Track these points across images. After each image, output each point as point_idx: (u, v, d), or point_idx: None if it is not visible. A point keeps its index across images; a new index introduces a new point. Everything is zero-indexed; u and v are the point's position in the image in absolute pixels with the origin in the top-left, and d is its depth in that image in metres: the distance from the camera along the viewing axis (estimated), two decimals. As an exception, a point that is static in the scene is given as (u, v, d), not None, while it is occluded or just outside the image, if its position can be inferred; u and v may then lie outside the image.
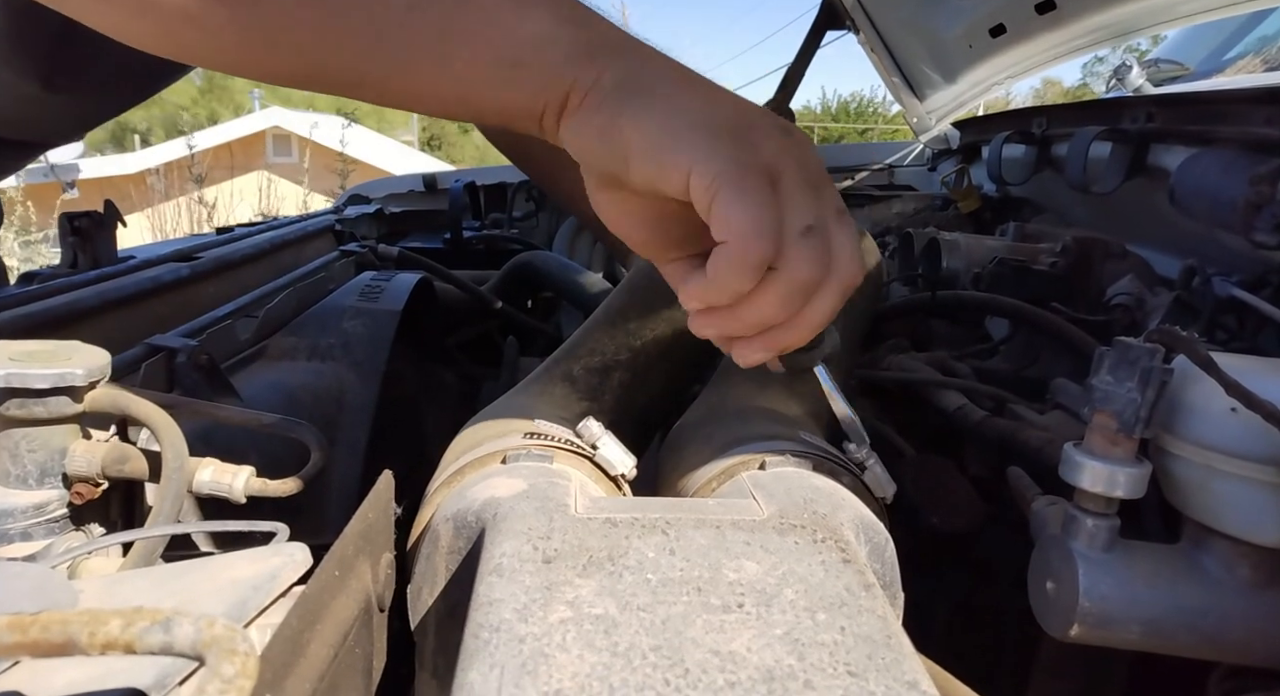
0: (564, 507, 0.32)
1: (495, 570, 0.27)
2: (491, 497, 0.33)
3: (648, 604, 0.26)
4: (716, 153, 0.34)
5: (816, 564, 0.29)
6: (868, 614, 0.26)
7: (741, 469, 0.38)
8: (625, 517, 0.31)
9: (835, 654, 0.24)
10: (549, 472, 0.36)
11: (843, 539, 0.31)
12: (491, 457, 0.38)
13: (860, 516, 0.34)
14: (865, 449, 0.41)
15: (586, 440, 0.40)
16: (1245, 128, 0.77)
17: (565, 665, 0.23)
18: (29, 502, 0.49)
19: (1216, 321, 0.68)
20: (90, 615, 0.20)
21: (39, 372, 0.47)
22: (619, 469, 0.40)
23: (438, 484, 0.38)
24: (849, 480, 0.38)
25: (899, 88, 1.60)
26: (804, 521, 0.32)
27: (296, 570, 0.34)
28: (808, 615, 0.26)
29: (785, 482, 0.36)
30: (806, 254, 0.34)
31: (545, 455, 0.38)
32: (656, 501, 0.36)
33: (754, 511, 0.33)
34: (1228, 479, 0.40)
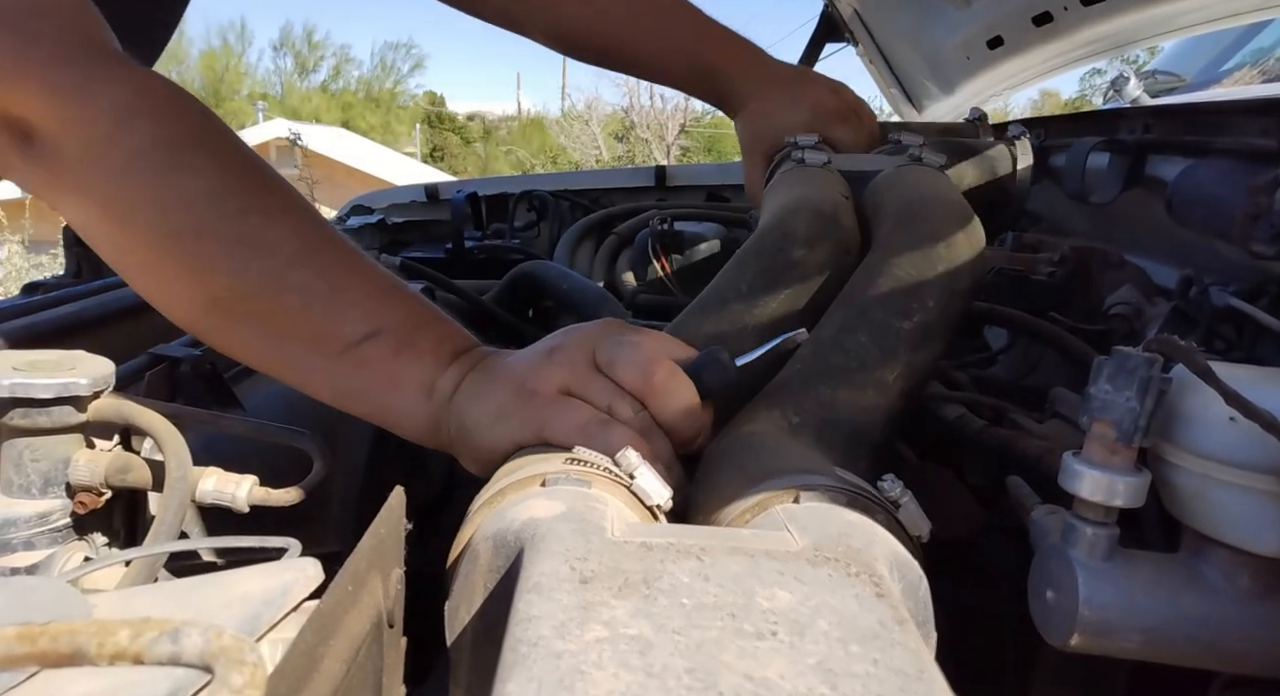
0: (601, 531, 0.32)
1: (534, 588, 0.28)
2: (531, 518, 0.33)
3: (682, 627, 0.26)
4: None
5: (850, 596, 0.29)
6: (900, 647, 0.26)
7: (775, 502, 0.38)
8: (660, 542, 0.32)
9: (868, 685, 0.24)
10: (587, 497, 0.36)
11: (876, 573, 0.31)
12: (531, 480, 0.39)
13: (894, 553, 0.34)
14: (899, 487, 0.41)
15: (625, 469, 0.40)
16: (1242, 138, 0.78)
17: (601, 682, 0.23)
18: (32, 512, 0.49)
19: (1214, 331, 0.68)
20: (98, 626, 0.20)
21: (43, 382, 0.47)
22: (655, 499, 0.40)
23: (479, 504, 0.38)
24: (883, 517, 0.38)
25: (897, 99, 1.61)
26: (838, 555, 0.32)
27: (308, 585, 0.35)
28: (840, 646, 0.26)
29: (819, 516, 0.36)
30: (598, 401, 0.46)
31: (584, 480, 0.38)
32: (691, 529, 0.36)
33: (788, 543, 0.33)
34: (1226, 488, 0.40)
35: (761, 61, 0.89)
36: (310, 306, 0.48)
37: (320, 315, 0.48)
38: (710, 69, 0.87)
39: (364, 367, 0.48)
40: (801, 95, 0.87)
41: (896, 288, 0.53)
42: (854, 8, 1.50)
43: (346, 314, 0.49)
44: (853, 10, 1.51)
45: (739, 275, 0.57)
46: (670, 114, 16.91)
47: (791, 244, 0.58)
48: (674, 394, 0.45)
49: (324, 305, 0.48)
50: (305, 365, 0.50)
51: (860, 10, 1.50)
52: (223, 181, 0.48)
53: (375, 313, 0.49)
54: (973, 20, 1.33)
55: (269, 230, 0.48)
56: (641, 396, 0.45)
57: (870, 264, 0.57)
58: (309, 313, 0.48)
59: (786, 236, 0.58)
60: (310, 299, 0.48)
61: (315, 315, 0.48)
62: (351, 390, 0.50)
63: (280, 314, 0.48)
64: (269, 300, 0.48)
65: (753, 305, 0.55)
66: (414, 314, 0.51)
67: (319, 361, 0.49)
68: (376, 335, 0.49)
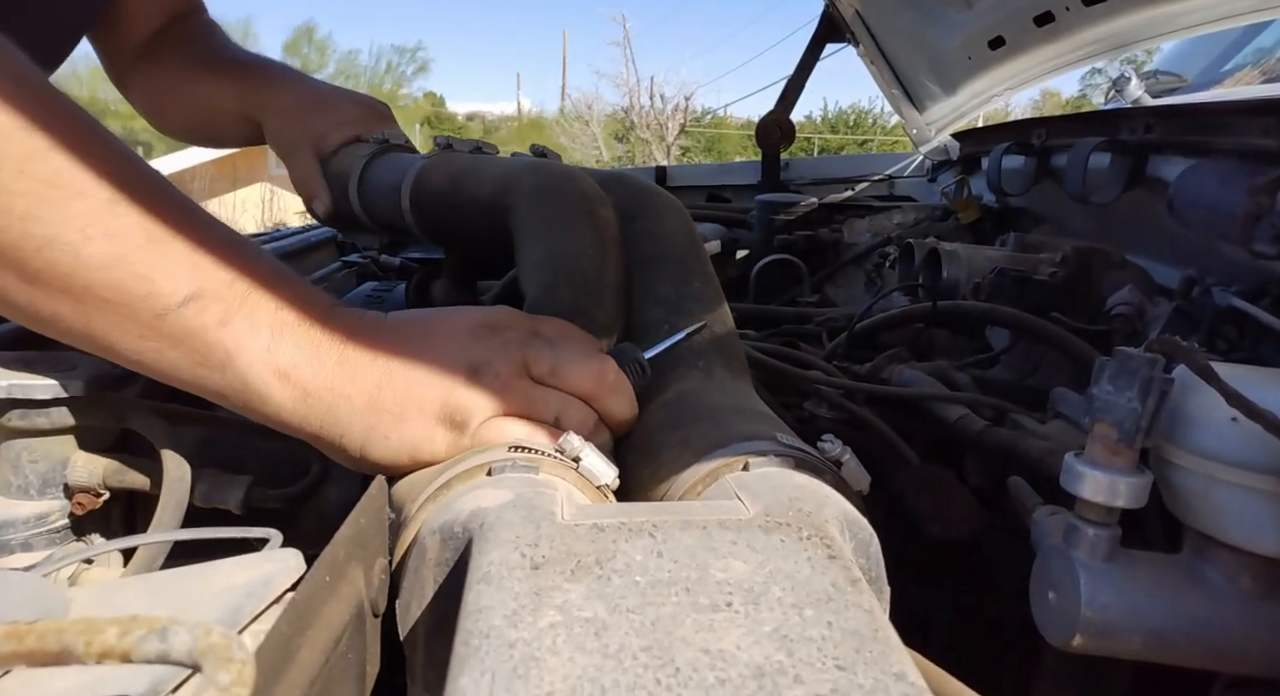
0: (550, 515, 0.32)
1: (484, 578, 0.27)
2: (478, 508, 0.33)
3: (637, 605, 0.26)
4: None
5: (803, 560, 0.29)
6: (854, 608, 0.26)
7: (725, 471, 0.38)
8: (612, 522, 0.31)
9: (823, 648, 0.24)
10: (535, 483, 0.36)
11: (828, 535, 0.31)
12: (477, 470, 0.38)
13: (844, 512, 0.35)
14: (839, 444, 0.41)
15: (569, 454, 0.40)
16: (1243, 139, 0.77)
17: (556, 668, 0.23)
18: (30, 513, 0.49)
19: (1216, 331, 0.68)
20: (86, 624, 0.20)
21: (41, 383, 0.47)
22: (602, 479, 0.40)
23: (423, 499, 0.38)
24: (830, 477, 0.39)
25: (899, 99, 1.61)
26: (789, 519, 0.32)
27: (290, 576, 0.34)
28: (795, 611, 0.26)
29: (769, 482, 0.36)
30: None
31: (531, 466, 0.38)
32: (642, 506, 0.36)
33: (739, 511, 0.33)
34: (1228, 488, 0.40)
35: (290, 70, 0.89)
36: (122, 260, 0.39)
37: (132, 272, 0.39)
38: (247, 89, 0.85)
39: (186, 338, 0.41)
40: (339, 96, 0.87)
41: (687, 243, 0.61)
42: (855, 8, 1.50)
43: (165, 271, 0.40)
44: (854, 11, 1.51)
45: (577, 243, 0.58)
46: (670, 114, 16.93)
47: (595, 204, 0.60)
48: (623, 393, 0.46)
49: (137, 258, 0.40)
50: (116, 333, 0.41)
51: (861, 10, 1.50)
52: (23, 115, 0.39)
53: (201, 270, 0.41)
54: (974, 20, 1.33)
55: (80, 170, 0.39)
56: (593, 398, 0.45)
57: (645, 229, 0.62)
58: (118, 268, 0.39)
59: (585, 198, 0.60)
60: (120, 251, 0.39)
61: (125, 271, 0.39)
62: (179, 365, 0.42)
63: (83, 269, 0.39)
64: (69, 251, 0.39)
65: (601, 276, 0.57)
66: (249, 272, 0.42)
67: (133, 328, 0.41)
68: (200, 297, 0.40)
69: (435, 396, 0.42)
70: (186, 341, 0.41)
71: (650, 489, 0.42)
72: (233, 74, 0.85)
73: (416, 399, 0.42)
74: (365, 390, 0.42)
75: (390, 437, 0.42)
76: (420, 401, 0.42)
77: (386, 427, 0.42)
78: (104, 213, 0.39)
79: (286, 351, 0.42)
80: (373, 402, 0.42)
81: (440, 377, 0.43)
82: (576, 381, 0.44)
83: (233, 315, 0.41)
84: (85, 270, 0.39)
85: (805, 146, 16.80)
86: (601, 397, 0.45)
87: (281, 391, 0.42)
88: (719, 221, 1.46)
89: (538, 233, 0.59)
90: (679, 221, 0.63)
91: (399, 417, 0.42)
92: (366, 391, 0.42)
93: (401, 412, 0.42)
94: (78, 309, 0.40)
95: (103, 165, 0.40)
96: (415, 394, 0.42)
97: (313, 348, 0.42)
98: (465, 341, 0.44)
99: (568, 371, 0.44)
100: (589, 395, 0.45)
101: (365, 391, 0.42)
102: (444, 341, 0.45)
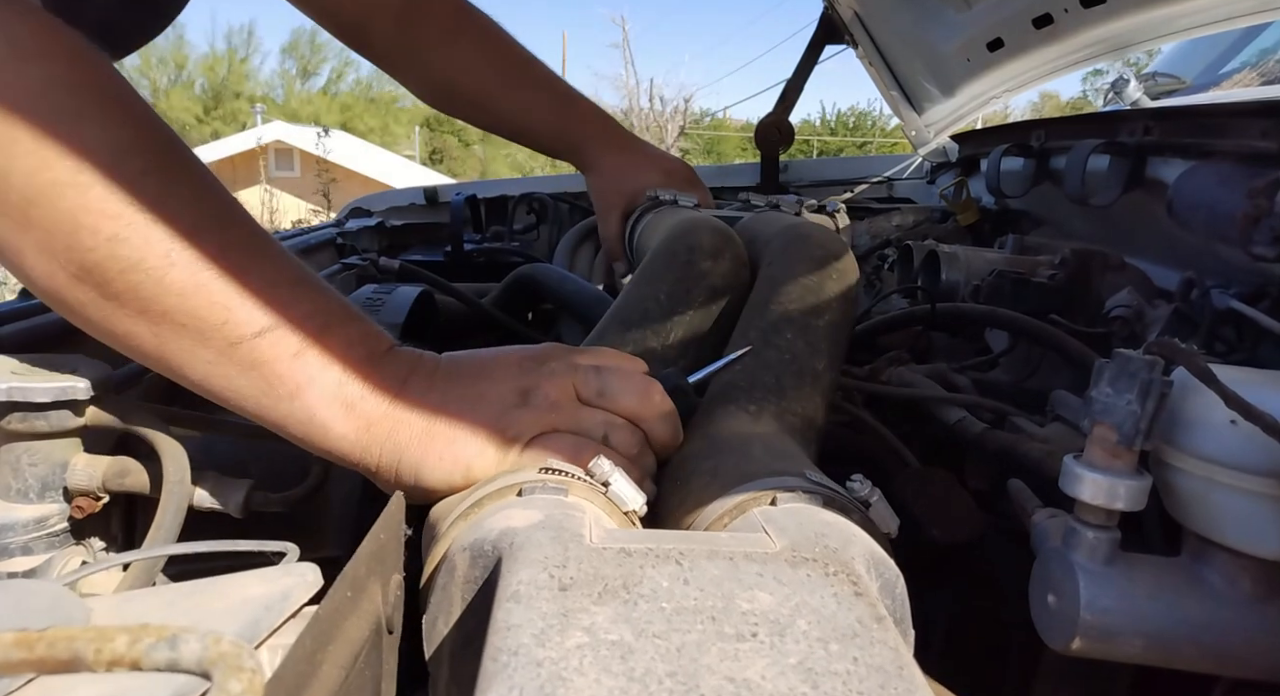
0: (579, 538, 0.32)
1: (513, 597, 0.28)
2: (508, 528, 0.33)
3: (663, 631, 0.26)
4: None
5: (829, 596, 0.29)
6: (880, 645, 0.26)
7: (753, 504, 0.39)
8: (639, 548, 0.32)
9: (848, 683, 0.24)
10: (564, 505, 0.36)
11: (854, 572, 0.31)
12: (508, 490, 0.39)
13: (871, 552, 0.35)
14: (869, 486, 0.41)
15: (598, 478, 0.40)
16: (1242, 141, 0.77)
17: (583, 688, 0.23)
18: (30, 516, 0.49)
19: (1215, 333, 0.68)
20: (96, 632, 0.20)
21: (41, 386, 0.47)
22: (630, 505, 0.40)
23: (454, 517, 0.38)
24: (857, 517, 0.39)
25: (897, 101, 1.61)
26: (816, 555, 0.32)
27: (308, 590, 0.34)
28: (820, 645, 0.26)
29: (797, 517, 0.36)
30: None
31: (560, 488, 0.38)
32: (669, 533, 0.36)
33: (766, 544, 0.33)
34: (1228, 491, 0.40)
35: (615, 128, 0.99)
36: (202, 288, 0.41)
37: (211, 300, 0.41)
38: (569, 132, 0.96)
39: (258, 367, 0.42)
40: (653, 159, 0.97)
41: (804, 293, 0.59)
42: (854, 10, 1.50)
43: (243, 302, 0.41)
44: (853, 13, 1.51)
45: (655, 287, 0.60)
46: (669, 116, 16.94)
47: (699, 255, 0.61)
48: (669, 416, 0.47)
49: (217, 288, 0.41)
50: (190, 357, 0.42)
51: (860, 12, 1.50)
52: (121, 135, 0.41)
53: (277, 303, 0.42)
54: (973, 22, 1.33)
55: (168, 196, 0.41)
56: (640, 420, 0.46)
57: (771, 275, 0.61)
58: (199, 296, 0.41)
59: (693, 249, 0.62)
60: (203, 281, 0.41)
61: (205, 299, 0.41)
62: (244, 393, 0.43)
63: (164, 294, 0.40)
64: (153, 276, 0.40)
65: (670, 316, 0.58)
66: (323, 309, 0.44)
67: (206, 354, 0.42)
68: (275, 329, 0.42)
69: (487, 418, 0.44)
70: (258, 370, 0.42)
71: (678, 517, 0.42)
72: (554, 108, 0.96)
73: (469, 421, 0.44)
74: (423, 415, 0.44)
75: (444, 458, 0.43)
76: (473, 423, 0.44)
77: (441, 449, 0.43)
78: (189, 239, 0.41)
79: (354, 387, 0.44)
80: (429, 427, 0.44)
81: (492, 402, 0.45)
82: (624, 403, 0.45)
83: (307, 349, 0.43)
84: (166, 295, 0.41)
85: (804, 148, 16.81)
86: (649, 419, 0.46)
87: (346, 423, 0.43)
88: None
89: (628, 284, 0.63)
90: (808, 271, 0.60)
91: (452, 439, 0.43)
92: (424, 416, 0.44)
93: (455, 435, 0.44)
94: (154, 331, 0.42)
95: (190, 192, 0.43)
96: (468, 417, 0.44)
97: (379, 381, 0.44)
98: (515, 372, 0.46)
99: (615, 393, 0.45)
100: (637, 416, 0.46)
101: (423, 416, 0.44)
102: (496, 371, 0.47)
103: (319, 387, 0.43)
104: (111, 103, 0.42)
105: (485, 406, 0.44)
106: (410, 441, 0.44)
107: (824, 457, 0.47)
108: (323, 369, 0.43)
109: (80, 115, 0.41)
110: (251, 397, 0.43)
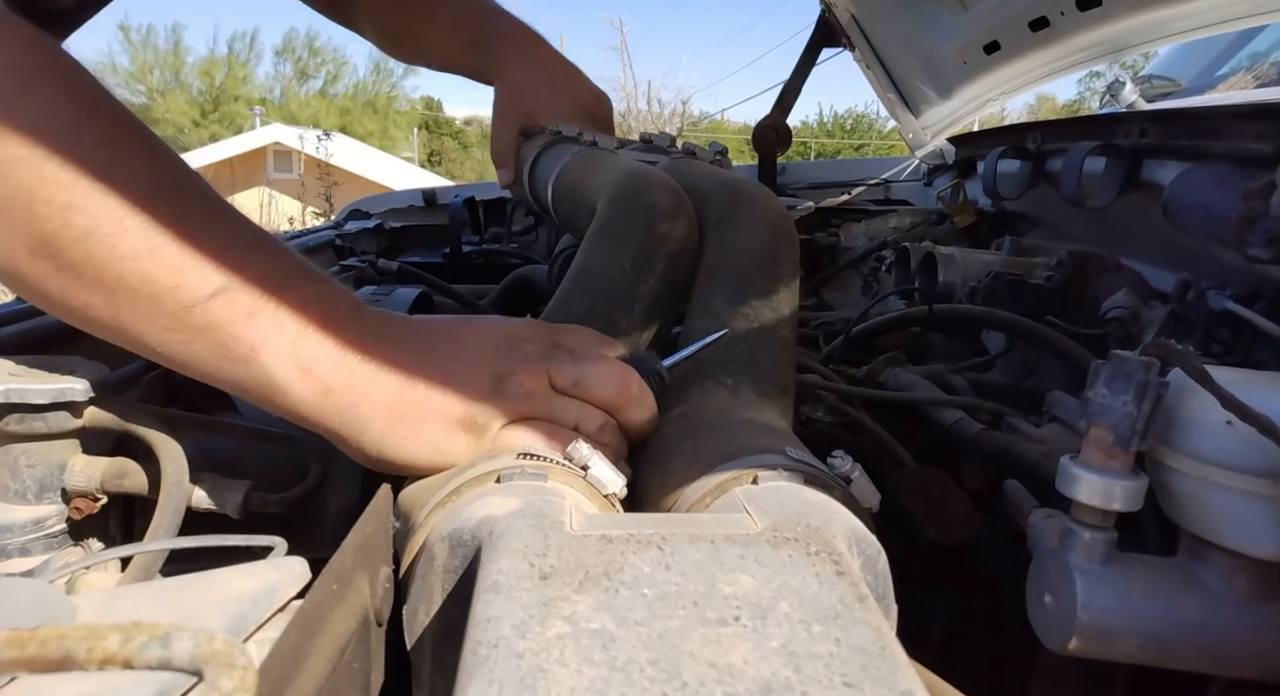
0: (559, 525, 0.32)
1: (492, 587, 0.27)
2: (487, 516, 0.33)
3: (644, 618, 0.26)
4: None
5: (810, 576, 0.29)
6: (862, 625, 0.26)
7: (734, 484, 0.38)
8: (620, 534, 0.31)
9: (831, 665, 0.24)
10: (544, 491, 0.36)
11: (836, 551, 0.31)
12: (486, 477, 0.38)
13: (852, 529, 0.35)
14: (849, 461, 0.41)
15: (577, 462, 0.40)
16: (1237, 143, 0.78)
17: (564, 680, 0.23)
18: (28, 518, 0.49)
19: (1211, 335, 0.68)
20: (88, 630, 0.20)
21: (39, 388, 0.47)
22: (610, 488, 0.40)
23: (432, 505, 0.38)
24: (839, 493, 0.39)
25: (894, 104, 1.61)
26: (797, 535, 0.32)
27: (295, 584, 0.34)
28: (803, 627, 0.26)
29: (778, 497, 0.36)
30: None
31: (540, 473, 0.38)
32: (651, 517, 0.36)
33: (748, 526, 0.33)
34: (1224, 492, 0.40)
35: (536, 45, 0.94)
36: (155, 252, 0.41)
37: (165, 265, 0.41)
38: (486, 40, 0.92)
39: (213, 329, 0.42)
40: (565, 84, 0.92)
41: (761, 259, 0.59)
42: (851, 13, 1.50)
43: (196, 264, 0.42)
44: (850, 16, 1.51)
45: (617, 253, 0.58)
46: (667, 118, 16.94)
47: (658, 218, 0.59)
48: (644, 403, 0.46)
49: (170, 252, 0.41)
50: (144, 324, 0.43)
51: (857, 15, 1.50)
52: (74, 110, 0.42)
53: (231, 264, 0.42)
54: (970, 26, 1.33)
55: (121, 165, 0.42)
56: (615, 410, 0.46)
57: (723, 239, 0.60)
58: (152, 260, 0.41)
59: (651, 209, 0.60)
60: (156, 245, 0.41)
61: (159, 264, 0.41)
62: (203, 357, 0.43)
63: (118, 260, 0.41)
64: (107, 243, 0.41)
65: (635, 286, 0.57)
66: (278, 269, 0.44)
67: (160, 320, 0.42)
68: (228, 291, 0.42)
69: (457, 403, 0.43)
70: (212, 333, 0.42)
71: (659, 498, 0.42)
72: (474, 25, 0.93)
73: (438, 404, 0.43)
74: (388, 391, 0.43)
75: (409, 438, 0.43)
76: (442, 407, 0.43)
77: (406, 429, 0.43)
78: (142, 205, 0.41)
79: (311, 347, 0.43)
80: (394, 405, 0.43)
81: (463, 386, 0.44)
82: (600, 393, 0.45)
83: (260, 309, 0.42)
84: (120, 261, 0.41)
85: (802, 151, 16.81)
86: (624, 408, 0.46)
87: (303, 386, 0.43)
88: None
89: (586, 242, 0.60)
90: (762, 234, 0.60)
91: (419, 420, 0.43)
92: (389, 393, 0.43)
93: (422, 416, 0.43)
94: (109, 299, 0.42)
95: (144, 161, 0.43)
96: (437, 400, 0.43)
97: (337, 345, 0.43)
98: (489, 353, 0.45)
99: (591, 383, 0.45)
100: (612, 406, 0.45)
101: (388, 392, 0.43)
102: (468, 351, 0.46)
103: (274, 348, 0.42)
104: (63, 82, 0.42)
105: (456, 388, 0.44)
106: (374, 416, 0.43)
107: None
108: (278, 328, 0.43)
109: (35, 95, 0.41)
110: (210, 361, 0.43)
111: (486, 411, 0.43)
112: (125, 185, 0.41)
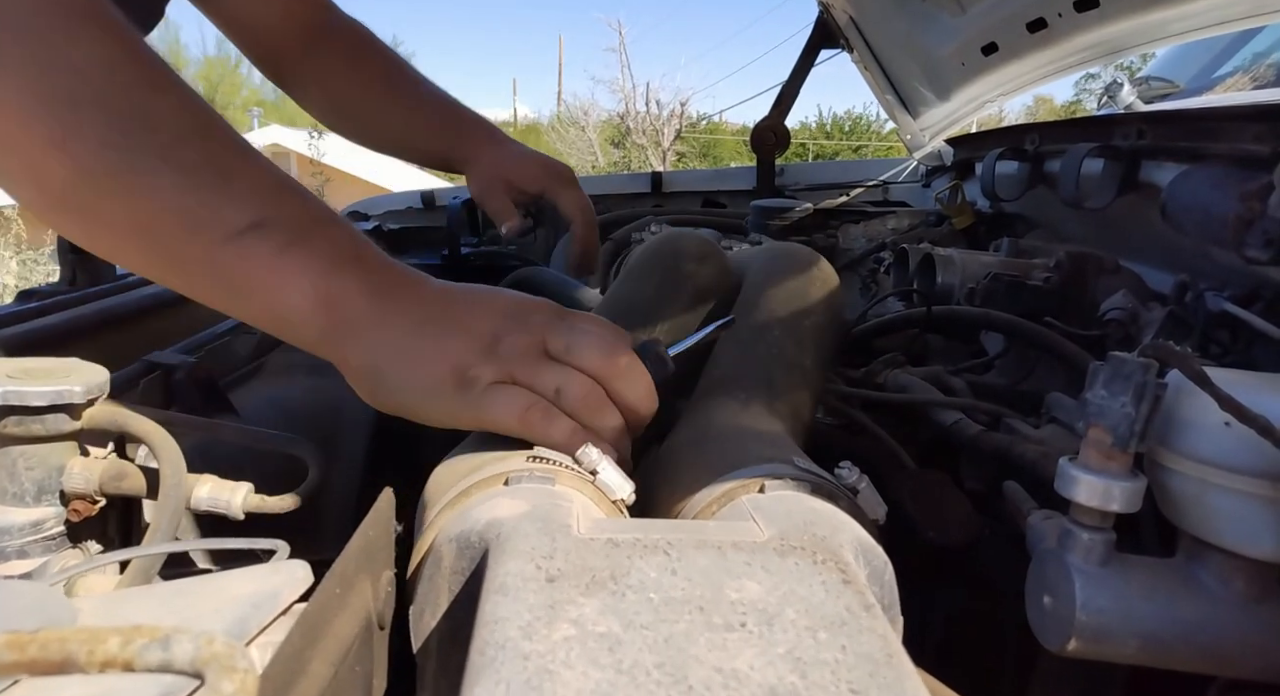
0: (566, 528, 0.32)
1: (499, 589, 0.27)
2: (494, 518, 0.33)
3: (651, 622, 0.26)
4: None
5: (817, 584, 0.29)
6: (868, 633, 0.26)
7: (741, 492, 0.38)
8: (627, 538, 0.31)
9: (837, 672, 0.24)
10: (551, 494, 0.36)
11: (842, 560, 0.31)
12: (494, 479, 0.38)
13: (859, 539, 0.35)
14: (856, 472, 0.41)
15: (586, 466, 0.40)
16: (1235, 144, 0.78)
17: (570, 682, 0.23)
18: (26, 520, 0.49)
19: (1209, 336, 0.68)
20: (88, 633, 0.20)
21: (37, 390, 0.47)
22: (618, 494, 0.40)
23: (440, 507, 0.38)
24: (846, 504, 0.39)
25: (893, 105, 1.62)
26: (804, 543, 0.32)
27: (297, 588, 0.34)
28: (809, 634, 0.26)
29: (785, 506, 0.36)
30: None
31: (548, 477, 0.38)
32: (657, 523, 0.36)
33: (754, 533, 0.33)
34: (1222, 493, 0.40)
35: (498, 133, 1.02)
36: (192, 188, 0.43)
37: (202, 198, 0.43)
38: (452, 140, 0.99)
39: (245, 261, 0.44)
40: (532, 156, 1.01)
41: (790, 296, 0.61)
42: (849, 14, 1.51)
43: (231, 200, 0.44)
44: (848, 17, 1.51)
45: (642, 283, 0.62)
46: (666, 120, 16.95)
47: (684, 259, 0.63)
48: (634, 379, 0.47)
49: (208, 188, 0.44)
50: (180, 254, 0.45)
51: (856, 17, 1.51)
52: (111, 52, 0.43)
53: (265, 202, 0.45)
54: (968, 27, 1.34)
55: (157, 105, 0.44)
56: (604, 379, 0.46)
57: (756, 282, 0.63)
58: (190, 195, 0.43)
59: (678, 253, 0.64)
60: (193, 180, 0.43)
61: (196, 198, 0.43)
62: (231, 286, 0.45)
63: (156, 193, 0.43)
64: (146, 178, 0.43)
65: (658, 310, 0.60)
66: (309, 210, 0.47)
67: (195, 250, 0.44)
68: (263, 226, 0.44)
69: (452, 354, 0.45)
70: (245, 262, 0.44)
71: (666, 505, 0.42)
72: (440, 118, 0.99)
73: (435, 352, 0.45)
74: (397, 330, 0.46)
75: (404, 379, 0.45)
76: (438, 355, 0.45)
77: (404, 370, 0.45)
78: (176, 144, 0.43)
79: (336, 282, 0.45)
80: (399, 344, 0.45)
81: (462, 340, 0.46)
82: (587, 360, 0.46)
83: (291, 245, 0.45)
84: (157, 193, 0.43)
85: (800, 152, 16.83)
86: (611, 376, 0.46)
87: (325, 317, 0.45)
88: (715, 227, 1.46)
89: (615, 283, 0.64)
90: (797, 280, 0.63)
91: (416, 364, 0.45)
92: (398, 333, 0.46)
93: (419, 360, 0.45)
94: (143, 234, 0.44)
95: (176, 100, 0.45)
96: (436, 347, 0.45)
97: (361, 284, 0.46)
98: (498, 315, 0.47)
99: (580, 348, 0.46)
100: (599, 373, 0.46)
101: (397, 332, 0.46)
102: (478, 310, 0.48)
103: (301, 280, 0.45)
104: (100, 21, 0.44)
105: (457, 340, 0.46)
106: (377, 353, 0.45)
107: (820, 459, 0.48)
108: (306, 260, 0.45)
109: (72, 33, 0.43)
110: (232, 290, 0.45)
111: (476, 366, 0.45)
112: (161, 125, 0.43)
